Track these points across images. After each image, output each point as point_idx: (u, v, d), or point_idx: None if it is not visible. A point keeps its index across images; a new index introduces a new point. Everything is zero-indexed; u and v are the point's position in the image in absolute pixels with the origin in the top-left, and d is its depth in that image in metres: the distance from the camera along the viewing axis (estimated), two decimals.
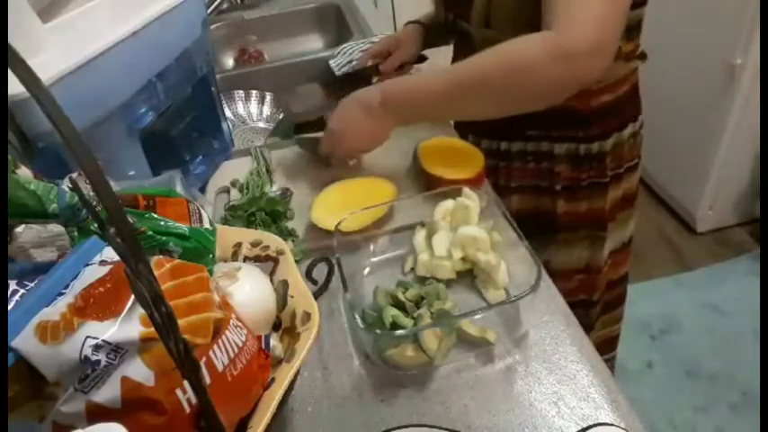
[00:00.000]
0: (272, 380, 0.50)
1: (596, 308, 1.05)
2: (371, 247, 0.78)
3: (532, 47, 0.70)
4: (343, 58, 1.33)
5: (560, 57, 0.68)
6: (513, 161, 0.96)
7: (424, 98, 0.79)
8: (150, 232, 0.53)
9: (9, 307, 0.42)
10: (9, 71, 0.26)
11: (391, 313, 0.64)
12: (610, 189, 0.94)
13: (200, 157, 0.97)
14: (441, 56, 1.16)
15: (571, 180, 0.93)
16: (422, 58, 1.12)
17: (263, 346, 0.51)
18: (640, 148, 0.99)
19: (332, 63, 1.34)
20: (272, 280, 0.59)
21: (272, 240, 0.63)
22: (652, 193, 2.33)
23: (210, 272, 0.55)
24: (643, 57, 0.92)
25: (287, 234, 0.81)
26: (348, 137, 0.84)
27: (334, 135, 0.85)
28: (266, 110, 1.36)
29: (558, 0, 0.70)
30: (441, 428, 0.55)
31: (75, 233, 0.53)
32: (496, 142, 0.96)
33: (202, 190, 0.95)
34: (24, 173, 0.52)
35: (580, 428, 0.55)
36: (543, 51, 0.69)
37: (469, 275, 0.73)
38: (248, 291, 0.55)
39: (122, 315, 0.40)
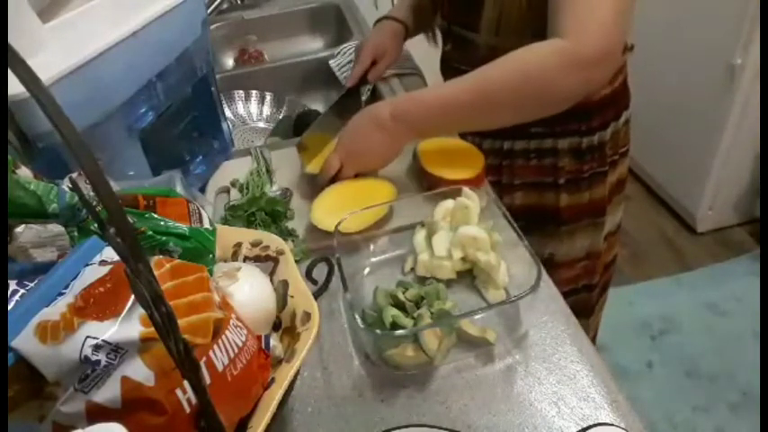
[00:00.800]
0: (272, 380, 0.50)
1: (596, 290, 1.09)
2: (371, 247, 0.78)
3: (545, 56, 0.71)
4: (343, 58, 1.33)
5: (574, 65, 0.70)
6: (516, 159, 0.97)
7: (438, 111, 0.78)
8: (150, 232, 0.53)
9: (9, 307, 0.42)
10: (9, 71, 0.26)
11: (391, 313, 0.64)
12: (608, 176, 0.97)
13: (200, 157, 0.97)
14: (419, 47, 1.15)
15: (574, 173, 0.95)
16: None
17: (263, 346, 0.51)
18: (630, 132, 1.02)
19: (332, 63, 1.34)
20: (272, 280, 0.59)
21: (272, 240, 0.63)
22: (652, 193, 2.33)
23: (210, 272, 0.55)
24: (631, 48, 0.95)
25: (287, 234, 0.81)
26: (360, 154, 0.84)
27: (346, 152, 0.84)
28: (266, 110, 1.36)
29: (566, 8, 0.70)
30: (441, 428, 0.55)
31: (75, 233, 0.53)
32: (499, 141, 0.97)
33: (202, 190, 0.94)
34: (24, 173, 0.52)
35: (580, 428, 0.55)
36: (556, 60, 0.70)
37: (469, 275, 0.73)
38: (248, 291, 0.55)
39: (122, 315, 0.40)
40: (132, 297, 0.41)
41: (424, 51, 1.16)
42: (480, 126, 0.89)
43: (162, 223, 0.54)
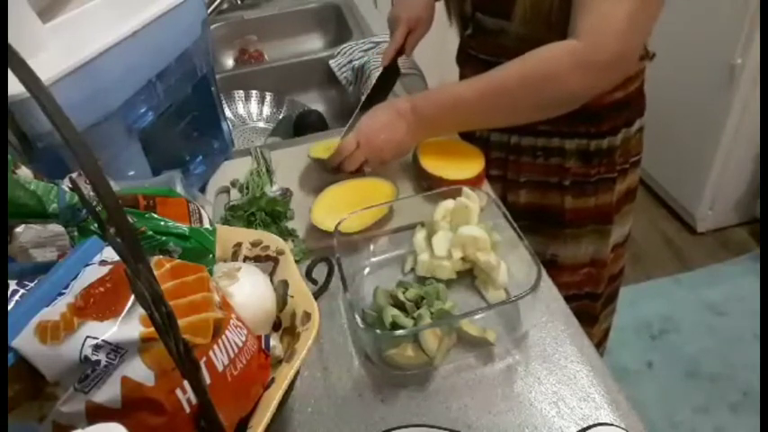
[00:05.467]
0: (272, 380, 0.50)
1: (601, 300, 1.08)
2: (371, 247, 0.78)
3: (559, 56, 0.73)
4: (344, 59, 1.33)
5: (586, 66, 0.72)
6: (522, 155, 0.96)
7: (455, 109, 0.81)
8: (150, 232, 0.53)
9: (9, 307, 0.42)
10: (9, 71, 0.26)
11: (391, 313, 0.64)
12: (617, 183, 0.96)
13: (200, 157, 0.97)
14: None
15: (580, 176, 0.94)
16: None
17: (263, 346, 0.51)
18: (643, 142, 1.01)
19: (332, 63, 1.34)
20: (272, 280, 0.59)
21: (272, 240, 0.63)
22: (652, 193, 2.33)
23: (210, 272, 0.55)
24: (652, 56, 0.94)
25: (287, 234, 0.81)
26: (379, 140, 0.84)
27: (365, 136, 0.84)
28: (266, 110, 1.36)
29: (584, 10, 0.72)
30: (441, 428, 0.55)
31: (75, 233, 0.53)
32: (507, 135, 0.96)
33: (202, 190, 0.94)
34: (24, 173, 0.52)
35: (580, 428, 0.55)
36: (569, 61, 0.72)
37: (469, 275, 0.73)
38: (248, 291, 0.55)
39: (122, 315, 0.40)
40: (132, 297, 0.41)
41: (425, 50, 1.16)
42: (493, 124, 0.90)
43: (162, 223, 0.54)
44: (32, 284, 0.45)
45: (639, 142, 0.99)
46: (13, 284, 0.44)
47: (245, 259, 0.62)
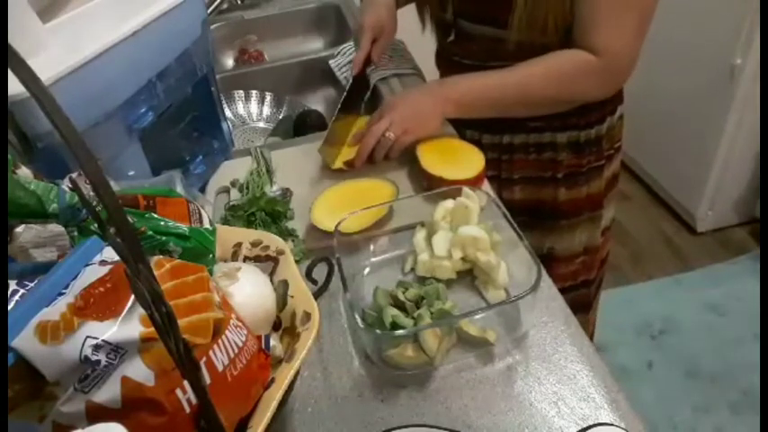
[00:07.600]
0: (272, 380, 0.50)
1: (594, 285, 1.12)
2: (371, 247, 0.78)
3: (580, 71, 0.84)
4: (343, 59, 1.33)
5: (605, 78, 0.85)
6: (515, 153, 0.98)
7: (487, 103, 0.89)
8: (150, 232, 0.53)
9: (9, 307, 0.42)
10: (9, 71, 0.26)
11: (391, 313, 0.64)
12: (605, 170, 1.00)
13: (200, 157, 0.97)
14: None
15: (573, 167, 0.97)
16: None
17: (263, 346, 0.51)
18: (623, 127, 1.07)
19: (332, 63, 1.34)
20: (272, 280, 0.59)
21: (272, 240, 0.63)
22: (652, 193, 2.33)
23: (210, 272, 0.55)
24: None
25: (287, 234, 0.81)
26: (402, 106, 0.88)
27: (388, 105, 0.89)
28: (266, 110, 1.36)
29: (597, 30, 0.80)
30: (441, 428, 0.55)
31: (75, 233, 0.53)
32: (499, 136, 0.98)
33: (202, 190, 0.94)
34: (24, 173, 0.52)
35: (580, 428, 0.55)
36: (590, 73, 0.83)
37: (469, 275, 0.73)
38: (248, 291, 0.55)
39: (122, 315, 0.40)
40: (132, 297, 0.41)
41: (425, 50, 1.16)
42: (511, 114, 0.94)
43: (162, 223, 0.54)
44: (32, 284, 0.45)
45: (621, 128, 1.04)
46: (13, 284, 0.44)
47: (245, 259, 0.62)
